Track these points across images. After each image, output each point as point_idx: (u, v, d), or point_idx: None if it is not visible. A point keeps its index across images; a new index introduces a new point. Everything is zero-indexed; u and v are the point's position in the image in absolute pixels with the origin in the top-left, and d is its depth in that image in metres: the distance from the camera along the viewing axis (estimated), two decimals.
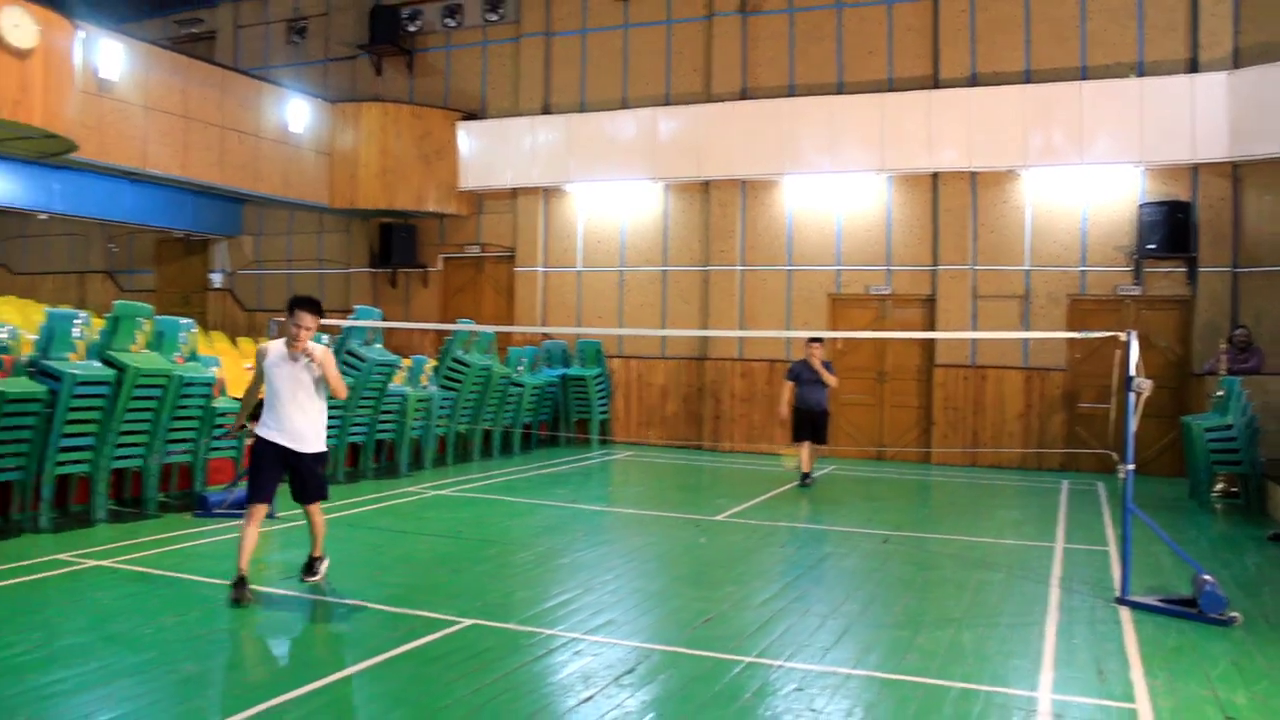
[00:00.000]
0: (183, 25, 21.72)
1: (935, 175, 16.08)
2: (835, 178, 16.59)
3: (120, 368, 9.05)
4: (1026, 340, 15.60)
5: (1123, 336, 7.44)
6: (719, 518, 10.66)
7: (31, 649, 5.63)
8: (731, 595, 7.31)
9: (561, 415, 17.56)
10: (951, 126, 15.71)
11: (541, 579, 7.81)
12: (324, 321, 7.45)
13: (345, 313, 19.78)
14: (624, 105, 17.91)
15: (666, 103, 17.62)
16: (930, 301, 16.14)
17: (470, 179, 18.66)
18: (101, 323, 9.51)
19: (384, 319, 19.44)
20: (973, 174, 15.87)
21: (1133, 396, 7.28)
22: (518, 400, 16.14)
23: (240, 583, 6.65)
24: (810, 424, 13.03)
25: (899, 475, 14.72)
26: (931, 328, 16.04)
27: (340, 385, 6.90)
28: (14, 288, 22.57)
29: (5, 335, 8.49)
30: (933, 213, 16.15)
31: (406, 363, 14.34)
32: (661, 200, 17.78)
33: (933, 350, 16.10)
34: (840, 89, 16.56)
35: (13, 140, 12.76)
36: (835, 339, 16.46)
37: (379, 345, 13.21)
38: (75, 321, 9.07)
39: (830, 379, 12.96)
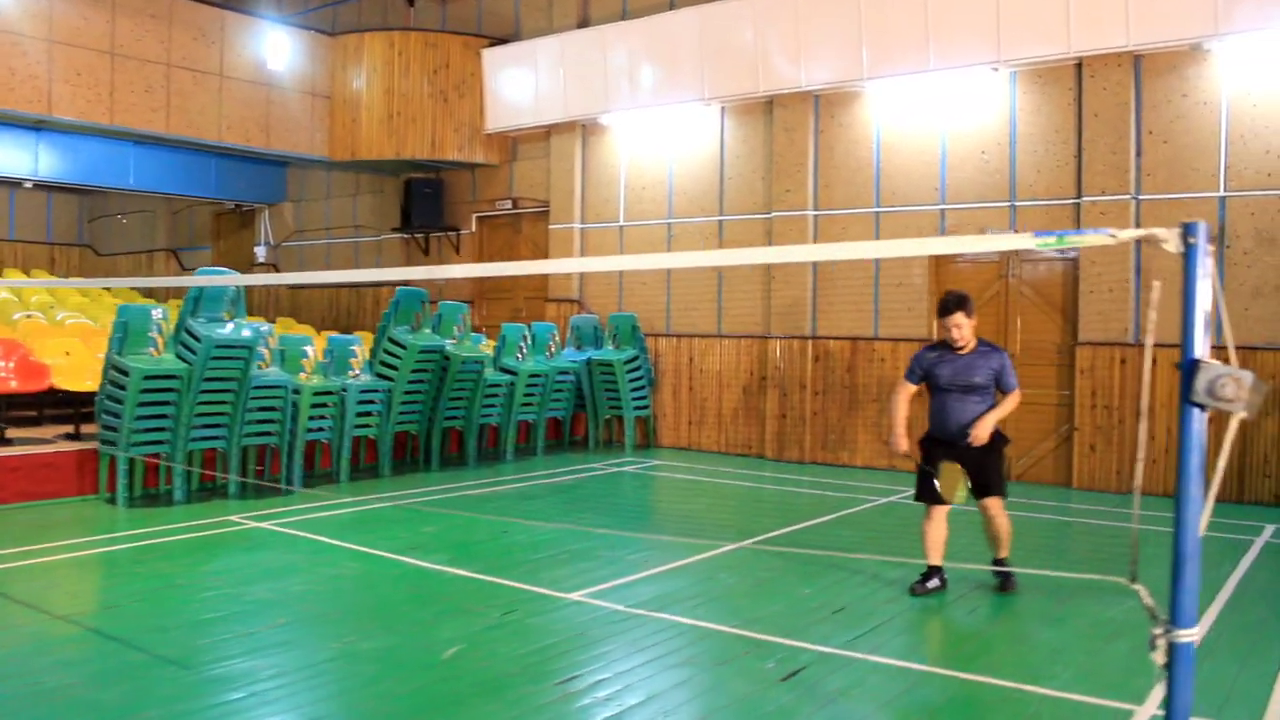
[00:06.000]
0: None
1: (1079, 64, 10.96)
2: (937, 79, 11.76)
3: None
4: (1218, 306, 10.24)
5: None
6: (576, 596, 6.58)
7: None
8: None
9: (589, 411, 13.71)
10: None
11: None
12: None
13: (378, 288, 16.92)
14: (671, 5, 13.74)
15: None
16: (1073, 253, 11.06)
17: (499, 118, 15.09)
18: None
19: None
20: (1135, 56, 10.65)
21: None
22: (508, 392, 12.47)
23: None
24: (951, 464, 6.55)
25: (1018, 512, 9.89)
26: (1074, 290, 10.96)
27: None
28: (99, 269, 21.35)
29: None
30: (1076, 120, 11.04)
31: (316, 346, 11.06)
32: (717, 128, 13.51)
33: (1075, 318, 11.01)
34: None
35: None
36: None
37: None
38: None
39: (1005, 399, 6.56)
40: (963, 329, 6.45)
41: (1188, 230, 2.58)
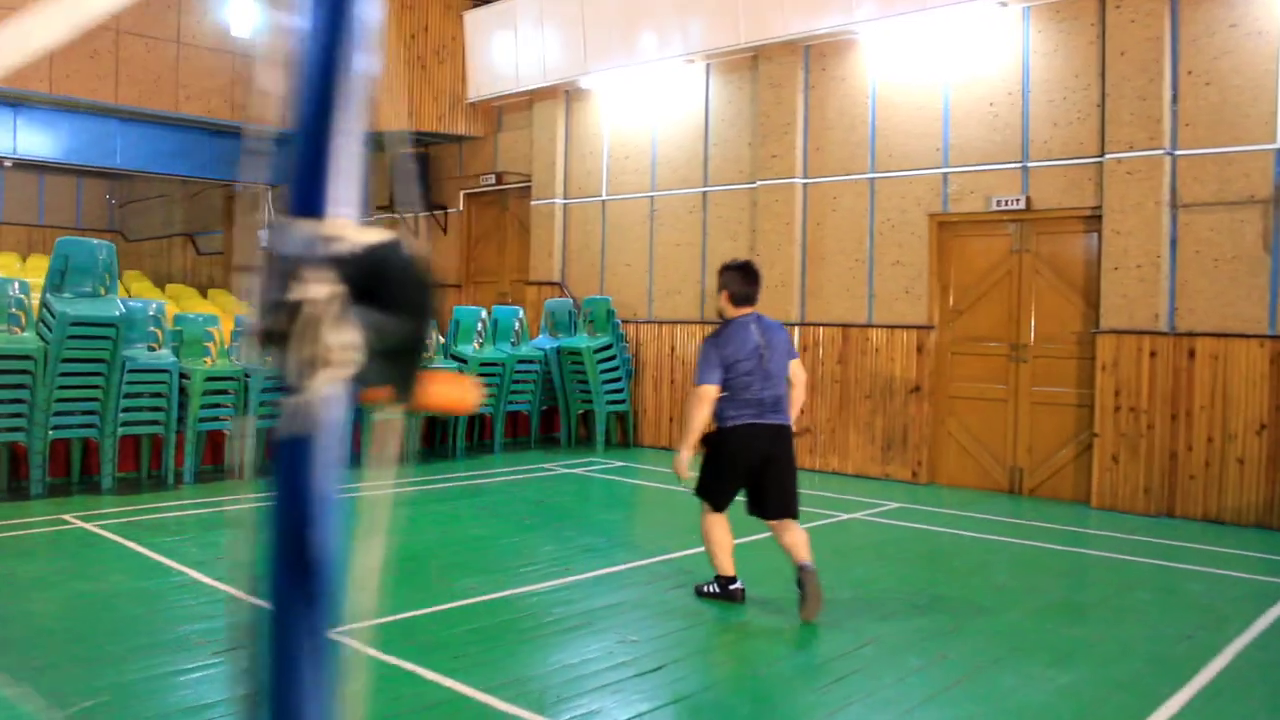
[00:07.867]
0: None
1: None
2: (939, 19, 9.99)
3: None
4: (1275, 283, 8.27)
5: None
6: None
7: None
8: None
9: (561, 405, 12.29)
10: None
11: None
12: None
13: None
14: None
15: None
16: (1094, 219, 9.18)
17: (481, 86, 13.79)
18: None
19: None
20: None
21: None
22: None
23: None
24: (746, 471, 5.64)
25: (1011, 536, 8.17)
26: (1098, 261, 9.09)
27: None
28: (127, 254, 20.86)
29: None
30: (1099, 63, 9.15)
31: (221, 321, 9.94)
32: (701, 89, 11.95)
33: (1097, 304, 9.13)
34: None
35: None
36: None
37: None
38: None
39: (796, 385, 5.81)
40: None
41: None
